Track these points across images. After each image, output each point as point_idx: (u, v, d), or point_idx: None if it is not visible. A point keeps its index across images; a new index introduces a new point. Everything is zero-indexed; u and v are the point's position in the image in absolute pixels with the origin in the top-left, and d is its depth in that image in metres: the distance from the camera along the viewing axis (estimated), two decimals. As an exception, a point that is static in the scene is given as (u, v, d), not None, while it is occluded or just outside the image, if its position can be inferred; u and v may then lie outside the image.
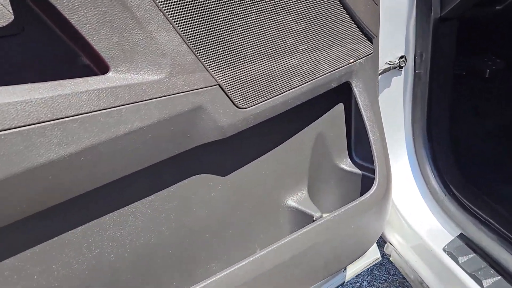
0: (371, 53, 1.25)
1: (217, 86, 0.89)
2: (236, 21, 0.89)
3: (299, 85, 1.05)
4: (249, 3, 0.90)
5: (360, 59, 1.21)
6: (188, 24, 0.82)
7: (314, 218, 1.19)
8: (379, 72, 1.59)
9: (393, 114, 1.67)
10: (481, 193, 1.62)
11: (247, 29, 0.91)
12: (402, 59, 1.59)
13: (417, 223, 1.64)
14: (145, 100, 0.79)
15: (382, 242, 1.91)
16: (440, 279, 1.49)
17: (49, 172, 0.72)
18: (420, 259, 1.64)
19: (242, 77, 0.93)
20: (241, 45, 0.91)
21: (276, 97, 1.00)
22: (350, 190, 1.37)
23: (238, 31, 0.90)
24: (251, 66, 0.94)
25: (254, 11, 0.91)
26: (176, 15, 0.80)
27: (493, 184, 1.68)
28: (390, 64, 1.57)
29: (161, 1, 0.78)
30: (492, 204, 1.58)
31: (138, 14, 0.76)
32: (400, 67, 1.59)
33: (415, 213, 1.66)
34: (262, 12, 0.93)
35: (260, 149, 1.13)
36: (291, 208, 1.24)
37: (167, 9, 0.79)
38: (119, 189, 0.89)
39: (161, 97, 0.81)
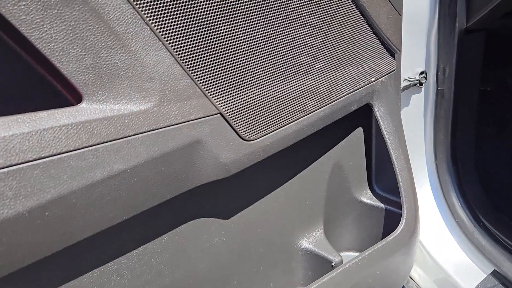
0: (393, 70, 1.09)
1: (219, 115, 0.73)
2: (241, 36, 0.73)
3: (316, 110, 0.89)
4: (257, 15, 0.75)
5: (382, 77, 1.06)
6: (183, 40, 0.66)
7: (333, 264, 1.02)
8: (401, 88, 1.43)
9: (413, 135, 1.50)
10: (509, 225, 1.45)
11: (254, 45, 0.75)
12: (423, 75, 1.43)
13: (443, 258, 1.47)
14: (128, 136, 0.63)
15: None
16: (473, 324, 1.32)
17: (2, 233, 0.56)
18: (447, 299, 1.47)
19: (248, 103, 0.76)
20: (247, 65, 0.75)
21: (289, 125, 0.84)
22: (372, 227, 1.20)
23: (244, 48, 0.74)
24: (259, 90, 0.78)
25: (262, 24, 0.76)
26: (167, 30, 0.64)
27: (528, 213, 1.52)
28: (409, 80, 1.42)
29: (148, 13, 0.62)
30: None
31: (118, 30, 0.60)
32: (421, 84, 1.44)
33: (440, 246, 1.49)
34: (272, 26, 0.77)
35: (268, 185, 0.97)
36: (305, 251, 1.06)
37: (156, 22, 0.63)
38: (98, 243, 0.72)
39: (149, 131, 0.65)
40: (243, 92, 0.75)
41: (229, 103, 0.74)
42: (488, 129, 1.70)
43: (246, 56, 0.75)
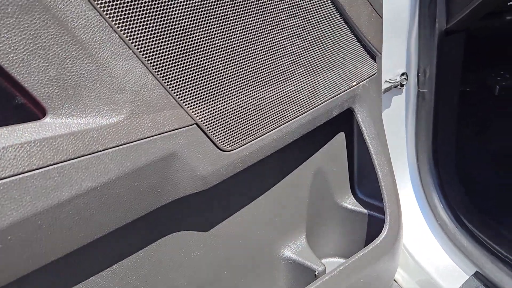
0: (374, 73, 1.08)
1: (195, 125, 0.69)
2: (217, 43, 0.70)
3: (296, 116, 0.86)
4: (233, 21, 0.71)
5: (363, 80, 1.03)
6: (155, 48, 0.63)
7: (316, 273, 1.00)
8: (382, 91, 1.42)
9: (395, 137, 1.49)
10: (497, 225, 1.46)
11: (231, 52, 0.72)
12: (404, 77, 1.42)
13: (425, 259, 1.46)
14: (98, 152, 0.59)
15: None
16: (456, 326, 1.32)
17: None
18: (430, 301, 1.46)
19: (226, 112, 0.73)
20: (224, 72, 0.72)
21: (269, 133, 0.81)
22: (356, 232, 1.18)
23: (220, 55, 0.71)
24: (237, 98, 0.75)
25: (239, 31, 0.72)
26: (137, 37, 0.61)
27: (509, 213, 1.52)
28: (391, 82, 1.41)
29: (117, 20, 0.58)
30: (510, 237, 1.42)
31: (83, 38, 0.56)
32: (402, 85, 1.42)
33: (423, 248, 1.48)
34: (249, 32, 0.74)
35: (248, 194, 0.94)
36: (288, 260, 1.04)
37: (125, 29, 0.59)
38: (68, 264, 0.68)
39: (120, 145, 0.61)
40: (220, 101, 0.72)
41: (205, 113, 0.70)
42: (469, 130, 1.70)
43: (223, 63, 0.71)
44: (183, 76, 0.66)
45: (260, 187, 0.95)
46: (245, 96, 0.76)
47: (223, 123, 0.73)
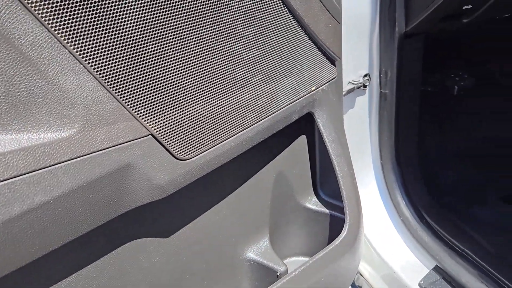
0: (334, 78, 1.10)
1: (150, 136, 0.71)
2: (170, 53, 0.71)
3: (254, 123, 0.88)
4: (187, 31, 0.72)
5: (323, 85, 1.06)
6: (106, 61, 0.63)
7: (278, 274, 1.02)
8: (345, 92, 1.45)
9: (358, 136, 1.53)
10: (457, 220, 1.51)
11: (185, 62, 0.73)
12: (367, 78, 1.46)
13: (389, 255, 1.51)
14: (50, 166, 0.60)
15: (351, 271, 1.77)
16: (417, 319, 1.37)
17: None
18: (394, 295, 1.51)
19: (181, 121, 0.74)
20: (178, 82, 0.73)
21: (227, 141, 0.83)
22: (319, 232, 1.21)
23: (174, 65, 0.72)
24: (193, 107, 0.76)
25: (193, 40, 0.73)
26: (87, 51, 0.61)
27: (468, 209, 1.58)
28: (354, 83, 1.44)
29: (65, 35, 0.59)
30: (469, 231, 1.48)
31: (31, 55, 0.56)
32: (365, 86, 1.46)
33: (386, 243, 1.53)
34: (203, 41, 0.75)
35: (209, 199, 0.95)
36: (251, 262, 1.06)
37: (75, 44, 0.60)
38: (23, 277, 0.68)
39: (73, 159, 0.62)
40: (175, 110, 0.73)
41: (160, 123, 0.71)
42: (430, 129, 1.76)
43: (176, 74, 0.72)
44: (136, 88, 0.67)
45: (220, 192, 0.97)
46: (201, 105, 0.77)
47: (178, 133, 0.74)
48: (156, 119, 0.71)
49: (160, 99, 0.71)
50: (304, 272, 0.98)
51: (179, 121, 0.74)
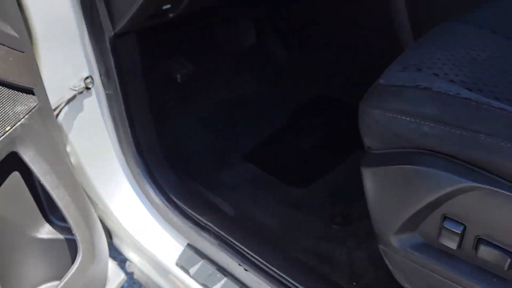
0: (35, 106, 1.04)
1: None
2: None
3: None
4: None
5: (20, 120, 1.00)
6: None
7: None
8: (65, 102, 1.40)
9: (98, 138, 1.53)
10: (203, 194, 1.70)
11: None
12: (89, 80, 1.43)
13: (150, 242, 1.62)
14: None
15: (125, 258, 1.85)
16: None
17: None
18: (159, 276, 1.65)
19: None
20: None
21: None
22: (60, 255, 1.20)
23: None
24: None
25: None
26: None
27: (213, 177, 1.78)
28: (74, 89, 1.40)
29: None
30: (212, 201, 1.68)
31: None
32: (88, 89, 1.43)
33: (147, 232, 1.63)
34: None
35: None
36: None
37: None
38: None
39: None
40: None
41: None
42: (161, 116, 1.86)
43: None
44: None
45: None
46: None
47: None
48: None
49: None
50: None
51: None
